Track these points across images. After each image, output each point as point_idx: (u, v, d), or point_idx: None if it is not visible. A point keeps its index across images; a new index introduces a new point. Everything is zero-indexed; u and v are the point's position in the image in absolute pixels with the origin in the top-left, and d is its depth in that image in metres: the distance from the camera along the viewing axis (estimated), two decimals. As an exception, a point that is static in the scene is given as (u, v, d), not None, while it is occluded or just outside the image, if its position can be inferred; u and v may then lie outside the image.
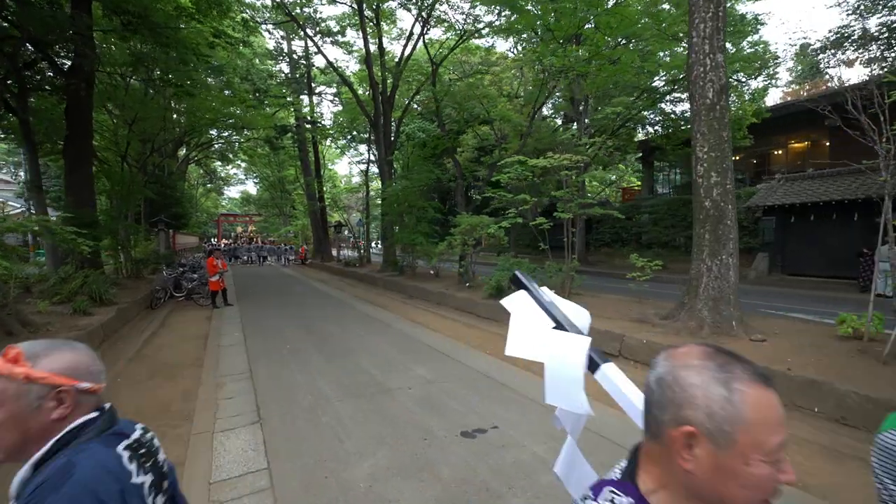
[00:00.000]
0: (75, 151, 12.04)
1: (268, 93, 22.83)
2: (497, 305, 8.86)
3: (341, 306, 10.94)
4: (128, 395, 4.75)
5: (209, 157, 39.41)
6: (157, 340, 7.30)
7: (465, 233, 10.87)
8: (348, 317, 9.38)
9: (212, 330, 8.11)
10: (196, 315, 9.83)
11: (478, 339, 7.29)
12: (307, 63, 24.43)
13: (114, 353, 6.37)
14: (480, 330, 8.09)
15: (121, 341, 7.13)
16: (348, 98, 22.98)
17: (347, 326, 8.29)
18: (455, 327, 8.34)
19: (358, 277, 17.91)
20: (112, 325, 7.49)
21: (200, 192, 50.78)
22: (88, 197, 12.11)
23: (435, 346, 6.79)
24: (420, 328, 8.19)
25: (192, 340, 7.31)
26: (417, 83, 18.24)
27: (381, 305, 10.99)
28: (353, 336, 7.44)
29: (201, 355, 6.36)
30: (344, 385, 4.88)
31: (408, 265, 15.89)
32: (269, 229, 49.63)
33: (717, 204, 6.17)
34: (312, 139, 25.71)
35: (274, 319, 9.14)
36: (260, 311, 10.29)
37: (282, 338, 7.35)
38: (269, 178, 41.31)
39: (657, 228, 18.37)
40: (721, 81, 6.23)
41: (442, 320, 9.04)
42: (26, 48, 11.46)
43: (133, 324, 8.53)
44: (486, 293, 9.60)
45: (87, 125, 12.43)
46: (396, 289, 13.88)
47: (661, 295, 10.37)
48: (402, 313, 9.85)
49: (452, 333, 7.76)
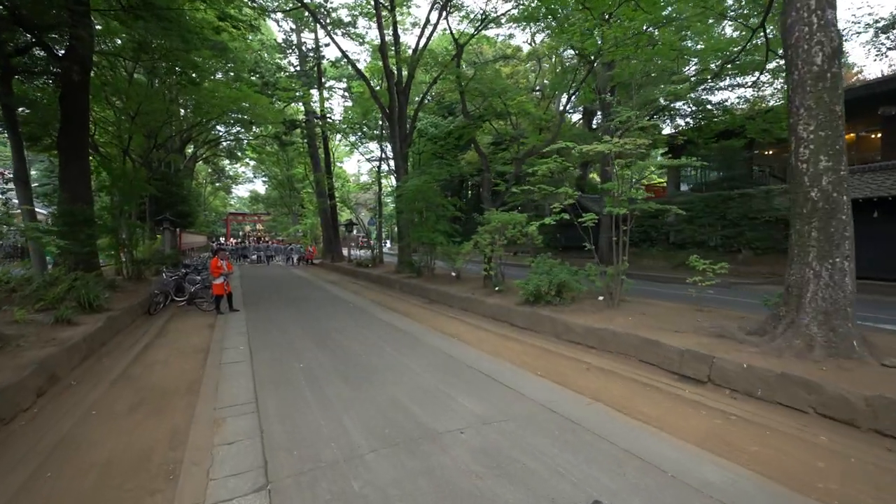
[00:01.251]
0: (70, 143, 11.14)
1: (277, 86, 21.90)
2: (536, 314, 7.75)
3: (358, 313, 9.89)
4: (100, 435, 3.72)
5: (217, 155, 38.81)
6: (150, 355, 6.29)
7: (494, 231, 9.77)
8: (368, 326, 8.32)
9: (213, 342, 7.09)
10: (197, 323, 8.84)
11: (522, 356, 6.19)
12: (317, 55, 23.46)
13: (95, 374, 5.36)
14: (520, 343, 6.98)
15: (107, 357, 6.13)
16: (359, 92, 22.01)
17: (369, 340, 7.23)
18: (491, 340, 7.24)
19: (372, 279, 16.87)
20: (99, 337, 6.50)
21: (209, 190, 50.30)
22: (84, 192, 11.20)
23: (476, 365, 5.69)
24: (453, 342, 7.10)
25: (191, 356, 6.29)
26: (435, 72, 17.14)
27: (402, 312, 9.92)
28: (378, 352, 6.36)
29: (199, 376, 5.32)
30: (377, 427, 3.80)
31: (425, 266, 14.84)
32: (278, 228, 49.00)
33: (828, 195, 4.99)
34: (322, 134, 24.75)
35: (284, 329, 8.11)
36: (268, 318, 9.27)
37: (293, 354, 6.30)
38: (278, 177, 40.67)
39: (691, 227, 17.11)
40: (833, 44, 5.05)
41: (474, 331, 7.94)
42: (18, 32, 10.59)
43: (126, 333, 7.54)
44: (520, 299, 8.49)
45: (84, 115, 11.53)
46: (415, 292, 12.81)
47: (722, 302, 9.20)
48: (427, 322, 8.77)
49: (490, 348, 6.67)
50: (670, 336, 5.73)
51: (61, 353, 5.20)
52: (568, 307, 7.89)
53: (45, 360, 4.80)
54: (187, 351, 6.59)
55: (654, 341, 5.61)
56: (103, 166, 14.02)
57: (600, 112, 25.77)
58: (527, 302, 8.32)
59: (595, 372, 5.47)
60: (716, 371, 4.80)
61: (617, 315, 7.17)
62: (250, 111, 17.38)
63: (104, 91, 14.42)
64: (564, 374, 5.38)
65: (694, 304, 7.97)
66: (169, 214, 20.20)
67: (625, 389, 4.80)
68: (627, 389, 4.80)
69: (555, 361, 5.92)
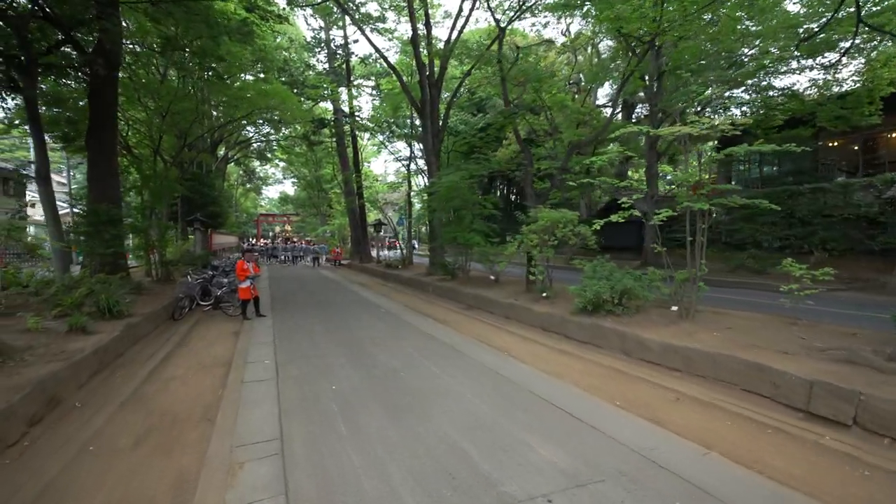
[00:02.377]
0: (98, 141, 10.84)
1: (305, 84, 21.56)
2: (598, 327, 6.73)
3: (392, 320, 9.09)
4: (93, 482, 3.01)
5: (248, 157, 39.20)
6: (168, 369, 5.65)
7: (543, 231, 8.77)
8: (404, 336, 7.50)
9: (237, 353, 6.42)
10: (222, 329, 8.25)
11: (588, 378, 5.20)
12: (346, 52, 23.00)
13: (104, 393, 4.73)
14: (582, 361, 5.99)
15: (122, 370, 5.52)
16: (388, 89, 21.37)
17: (407, 353, 6.39)
18: (546, 356, 6.28)
19: (402, 281, 16.12)
20: (115, 348, 5.93)
21: (240, 192, 51.09)
22: (112, 191, 10.89)
23: (537, 390, 4.75)
24: (503, 358, 6.17)
25: (211, 371, 5.62)
26: (468, 64, 16.24)
27: (439, 319, 9.07)
28: (419, 370, 5.51)
29: (217, 398, 4.61)
30: (432, 484, 2.93)
31: (459, 268, 13.96)
32: (306, 229, 49.32)
33: None
34: (351, 132, 24.27)
35: (313, 338, 7.38)
36: (296, 325, 8.60)
37: (324, 370, 5.53)
38: (307, 178, 40.79)
39: (751, 226, 15.53)
40: None
41: (524, 344, 6.99)
42: (49, 28, 10.38)
43: (146, 342, 6.98)
44: (576, 308, 7.47)
45: (112, 113, 11.23)
46: (450, 296, 11.94)
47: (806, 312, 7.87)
48: (468, 331, 7.87)
49: (548, 366, 5.71)
50: (780, 359, 4.62)
51: (67, 369, 4.59)
52: (633, 318, 6.84)
53: (46, 380, 4.18)
54: (208, 364, 5.94)
55: (762, 366, 4.52)
56: (134, 166, 13.84)
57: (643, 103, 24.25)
58: (583, 311, 7.29)
59: (689, 404, 4.43)
60: (865, 411, 3.68)
61: (697, 329, 6.07)
62: (279, 109, 16.97)
63: (136, 92, 14.29)
64: (651, 405, 4.38)
65: (779, 314, 6.80)
66: (200, 215, 20.12)
67: (740, 432, 3.76)
68: (743, 432, 3.76)
69: (633, 387, 4.91)
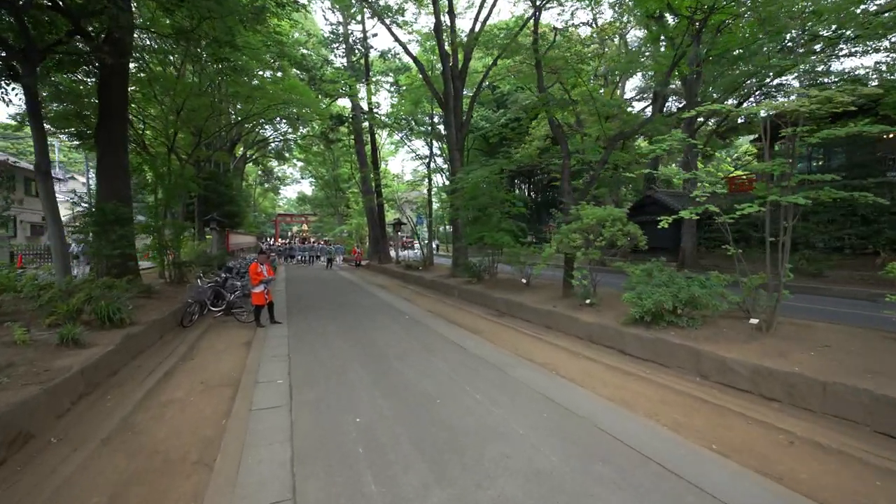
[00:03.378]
0: (108, 136, 10.31)
1: (323, 80, 20.94)
2: (662, 342, 5.74)
3: (418, 329, 8.24)
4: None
5: (266, 157, 39.06)
6: (167, 390, 4.91)
7: (587, 230, 7.80)
8: (435, 349, 6.62)
9: (247, 369, 5.66)
10: (233, 339, 7.52)
11: (665, 409, 4.24)
12: (365, 47, 22.30)
13: (87, 423, 3.98)
14: (650, 384, 5.02)
15: (114, 391, 4.80)
16: (408, 84, 20.61)
17: (441, 372, 5.52)
18: (603, 376, 5.33)
19: (424, 283, 15.29)
20: (109, 364, 5.21)
21: (258, 192, 51.16)
22: (122, 189, 10.34)
23: (608, 427, 3.82)
24: (553, 379, 5.24)
25: (216, 393, 4.85)
26: (494, 54, 15.29)
27: (470, 328, 8.18)
28: (461, 399, 4.62)
29: (219, 432, 3.82)
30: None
31: (486, 270, 13.06)
32: (324, 229, 49.08)
33: None
34: (370, 128, 23.57)
35: (332, 351, 6.58)
36: (313, 334, 7.82)
37: (346, 395, 4.70)
38: (324, 177, 40.48)
39: (805, 225, 14.20)
40: None
41: (574, 361, 6.05)
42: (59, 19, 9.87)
43: (148, 355, 6.28)
44: (629, 318, 6.49)
45: (122, 107, 10.70)
46: (478, 301, 11.05)
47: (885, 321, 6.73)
48: (505, 343, 6.96)
49: (610, 391, 4.76)
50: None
51: (45, 395, 3.86)
52: (700, 331, 5.83)
53: (15, 412, 3.45)
54: (213, 383, 5.17)
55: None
56: (147, 163, 13.35)
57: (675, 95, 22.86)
58: (640, 322, 6.32)
59: (810, 451, 3.44)
60: None
61: (787, 347, 5.04)
62: (296, 104, 16.34)
63: (151, 88, 13.83)
64: (761, 452, 3.40)
65: (879, 328, 5.74)
66: (216, 214, 19.68)
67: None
68: (914, 503, 2.77)
69: (727, 424, 3.93)
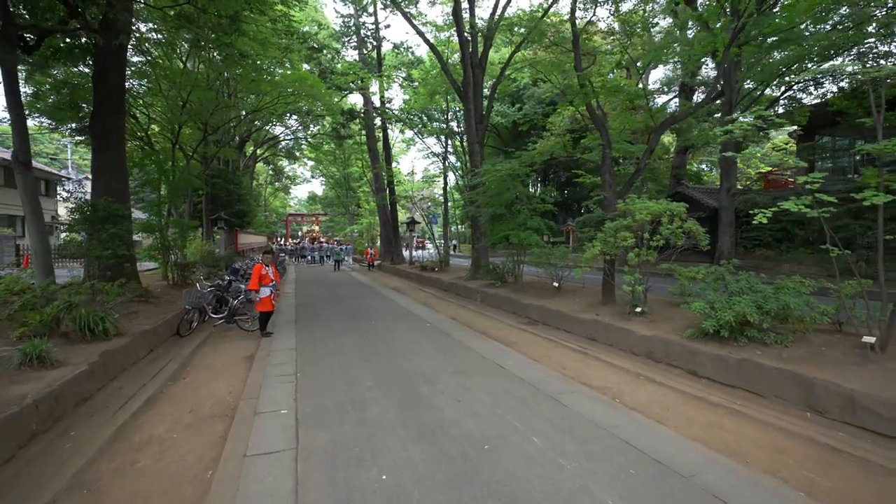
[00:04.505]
0: (103, 128, 9.48)
1: (334, 72, 20.10)
2: (750, 364, 4.63)
3: (444, 341, 7.23)
4: None
5: (277, 155, 38.48)
6: (145, 425, 3.97)
7: (640, 228, 6.73)
8: (471, 371, 5.59)
9: (246, 394, 4.70)
10: (234, 352, 6.60)
11: (797, 468, 3.16)
12: (377, 39, 21.42)
13: (26, 482, 3.02)
14: (750, 422, 3.94)
15: (78, 427, 3.86)
16: (422, 78, 19.64)
17: (481, 403, 4.49)
18: (689, 412, 4.25)
19: (443, 287, 14.30)
20: (80, 389, 4.30)
21: (269, 191, 50.70)
22: (118, 185, 9.52)
23: (736, 499, 2.77)
24: (621, 412, 4.19)
25: (204, 428, 3.90)
26: (514, 43, 14.26)
27: (503, 340, 7.14)
28: (515, 442, 3.58)
29: (201, 492, 2.86)
30: None
31: (510, 272, 12.03)
32: (334, 229, 48.52)
33: None
34: (382, 123, 22.67)
35: (346, 371, 5.61)
36: (324, 347, 6.86)
37: (366, 439, 3.69)
38: (335, 176, 39.88)
39: (862, 223, 12.88)
40: None
41: (639, 385, 4.98)
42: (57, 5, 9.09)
43: (132, 373, 5.36)
44: (696, 332, 5.41)
45: (119, 96, 9.85)
46: (506, 307, 10.01)
47: None
48: (548, 360, 5.92)
49: (711, 436, 3.69)
50: None
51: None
52: (793, 350, 4.73)
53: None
54: (204, 413, 4.23)
55: None
56: (150, 158, 12.57)
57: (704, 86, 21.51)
58: (712, 337, 5.23)
59: None
60: None
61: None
62: (307, 95, 15.50)
63: (157, 81, 13.09)
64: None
65: None
66: (224, 213, 18.96)
67: None
68: None
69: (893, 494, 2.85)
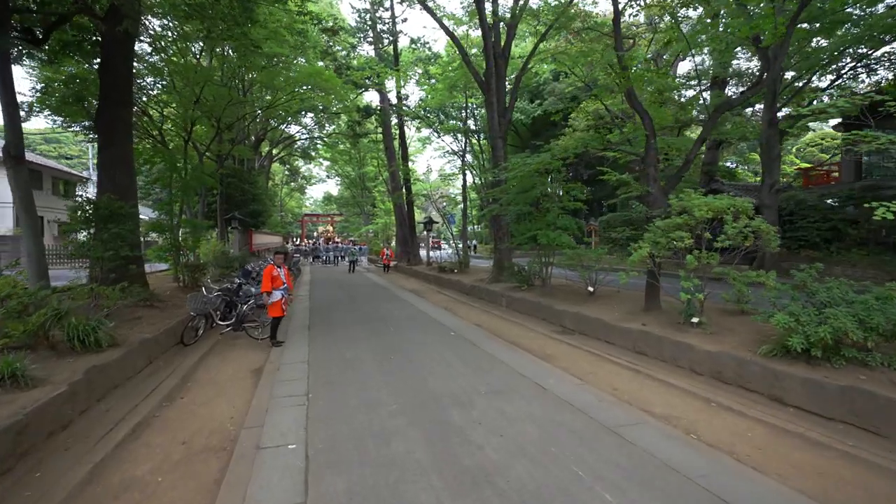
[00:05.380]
0: (109, 122, 8.99)
1: (350, 67, 19.55)
2: (849, 391, 3.75)
3: (472, 354, 6.47)
4: None
5: (292, 155, 38.27)
6: (126, 462, 3.31)
7: (696, 227, 5.86)
8: (511, 395, 4.81)
9: (248, 420, 4.02)
10: (240, 364, 5.96)
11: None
12: (394, 33, 20.79)
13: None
14: (871, 470, 3.09)
15: (47, 465, 3.22)
16: (440, 73, 18.93)
17: (534, 443, 3.72)
18: (786, 451, 3.39)
19: (464, 290, 13.54)
20: (56, 414, 3.67)
21: (285, 191, 50.67)
22: (124, 181, 9.03)
23: None
24: (713, 456, 3.35)
25: (197, 467, 3.22)
26: (542, 28, 13.42)
27: (539, 353, 6.35)
28: (576, 495, 2.81)
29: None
30: None
31: (535, 275, 11.20)
32: (349, 229, 48.29)
33: None
34: (399, 119, 22.03)
35: (366, 390, 4.90)
36: (340, 360, 6.17)
37: (393, 493, 2.97)
38: (350, 176, 39.54)
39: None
40: None
41: (713, 415, 4.14)
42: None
43: (125, 391, 4.74)
44: (773, 349, 4.54)
45: (126, 89, 9.35)
46: (534, 312, 9.19)
47: None
48: (600, 382, 5.10)
49: (826, 488, 2.87)
50: None
51: None
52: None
53: None
54: (198, 446, 3.56)
55: None
56: (160, 154, 12.14)
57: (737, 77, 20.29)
58: (797, 356, 4.36)
59: None
60: None
61: None
62: (322, 89, 14.96)
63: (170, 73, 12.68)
64: None
65: None
66: (238, 213, 18.55)
67: None
68: None
69: None
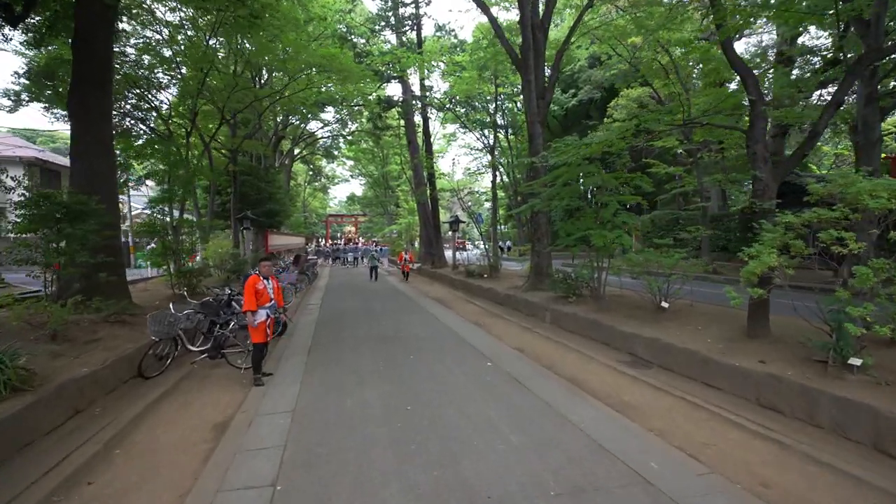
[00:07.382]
0: (83, 104, 7.60)
1: (370, 55, 18.10)
2: None
3: (524, 406, 4.64)
4: None
5: (315, 154, 37.42)
6: None
7: (864, 220, 3.87)
8: (591, 489, 3.03)
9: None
10: (202, 414, 4.36)
11: None
12: (417, 15, 19.21)
13: None
14: None
15: None
16: (466, 59, 17.21)
17: None
18: None
19: (496, 298, 11.71)
20: None
21: (308, 191, 50.04)
22: (102, 169, 7.69)
23: None
24: None
25: None
26: None
27: (615, 403, 4.46)
28: None
29: None
30: None
31: (585, 284, 9.28)
32: (373, 229, 47.34)
33: None
34: (422, 110, 20.42)
35: (364, 484, 3.20)
36: (335, 413, 4.48)
37: None
38: (374, 175, 38.47)
39: None
40: None
41: None
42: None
43: (11, 469, 3.21)
44: None
45: (105, 68, 7.96)
46: (588, 332, 7.28)
47: None
48: (727, 465, 3.18)
49: None
50: None
51: None
52: None
53: None
54: None
55: None
56: (156, 144, 10.93)
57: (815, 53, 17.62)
58: None
59: None
60: None
61: None
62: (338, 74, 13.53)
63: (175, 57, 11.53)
64: None
65: None
66: (251, 212, 17.31)
67: None
68: None
69: None
